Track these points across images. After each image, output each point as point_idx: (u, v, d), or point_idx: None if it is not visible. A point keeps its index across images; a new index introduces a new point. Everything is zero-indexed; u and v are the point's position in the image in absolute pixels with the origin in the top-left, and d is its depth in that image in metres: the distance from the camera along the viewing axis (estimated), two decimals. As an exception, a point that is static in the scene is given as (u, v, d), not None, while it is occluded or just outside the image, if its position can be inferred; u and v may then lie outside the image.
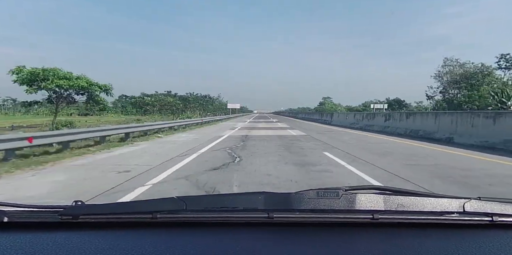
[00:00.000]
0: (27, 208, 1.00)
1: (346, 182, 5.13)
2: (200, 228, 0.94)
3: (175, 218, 0.95)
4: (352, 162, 7.17)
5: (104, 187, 4.76)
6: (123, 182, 5.14)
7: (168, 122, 19.47)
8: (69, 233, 0.90)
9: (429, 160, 7.69)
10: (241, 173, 5.85)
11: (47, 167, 6.59)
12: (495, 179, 5.48)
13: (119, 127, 12.33)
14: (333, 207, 0.92)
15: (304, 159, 7.70)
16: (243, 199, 1.02)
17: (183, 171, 6.04)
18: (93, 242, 0.84)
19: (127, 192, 4.48)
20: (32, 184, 5.11)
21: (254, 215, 0.95)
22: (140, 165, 6.74)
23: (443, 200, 0.95)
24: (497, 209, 0.94)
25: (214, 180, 5.24)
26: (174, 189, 4.70)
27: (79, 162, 7.33)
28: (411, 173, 5.94)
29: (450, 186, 4.95)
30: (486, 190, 4.64)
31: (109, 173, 5.93)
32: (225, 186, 4.85)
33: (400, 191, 1.07)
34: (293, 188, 4.60)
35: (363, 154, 8.66)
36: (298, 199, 0.94)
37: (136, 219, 0.96)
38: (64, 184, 5.08)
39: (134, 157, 8.12)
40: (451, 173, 5.95)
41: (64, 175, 5.78)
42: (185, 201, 0.95)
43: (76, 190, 4.64)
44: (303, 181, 5.12)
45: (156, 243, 0.83)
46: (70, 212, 0.95)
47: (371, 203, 0.92)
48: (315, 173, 5.89)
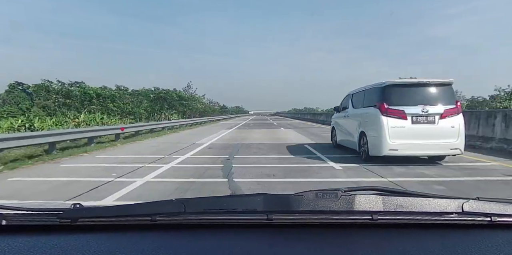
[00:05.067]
0: (25, 211, 1.00)
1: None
2: (200, 230, 0.94)
3: (174, 220, 0.95)
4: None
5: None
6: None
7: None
8: (68, 236, 0.90)
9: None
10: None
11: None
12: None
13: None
14: (332, 208, 0.93)
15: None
16: (242, 201, 1.02)
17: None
18: (92, 245, 0.83)
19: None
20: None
21: (253, 216, 0.95)
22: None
23: (442, 201, 0.96)
24: (496, 209, 0.95)
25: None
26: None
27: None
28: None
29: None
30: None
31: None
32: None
33: (399, 191, 1.07)
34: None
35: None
36: (297, 200, 0.95)
37: (135, 222, 0.96)
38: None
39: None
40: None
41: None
42: (184, 203, 0.95)
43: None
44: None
45: (155, 246, 0.83)
46: (68, 214, 0.95)
47: (370, 204, 0.93)
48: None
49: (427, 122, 6.40)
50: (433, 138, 6.37)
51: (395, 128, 6.37)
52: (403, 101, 6.52)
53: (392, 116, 6.42)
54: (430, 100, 6.51)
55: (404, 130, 6.37)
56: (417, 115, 6.40)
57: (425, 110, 6.37)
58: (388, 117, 6.43)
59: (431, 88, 6.64)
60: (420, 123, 6.41)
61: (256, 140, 12.76)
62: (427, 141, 6.37)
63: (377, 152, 6.56)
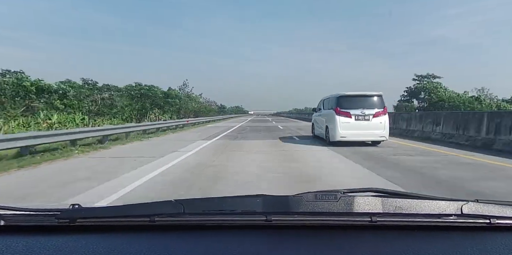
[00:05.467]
0: (24, 211, 0.98)
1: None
2: (198, 231, 0.94)
3: (173, 221, 0.94)
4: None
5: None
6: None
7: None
8: (66, 237, 0.89)
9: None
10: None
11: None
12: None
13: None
14: (331, 209, 0.92)
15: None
16: (241, 202, 1.02)
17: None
18: (90, 246, 0.83)
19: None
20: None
21: (252, 218, 0.95)
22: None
23: (441, 203, 0.95)
24: (495, 211, 0.94)
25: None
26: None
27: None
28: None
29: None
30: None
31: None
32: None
33: (399, 193, 1.07)
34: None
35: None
36: (296, 201, 0.95)
37: (134, 223, 0.95)
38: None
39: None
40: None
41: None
42: (183, 204, 0.94)
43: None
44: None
45: (154, 247, 0.83)
46: (67, 215, 0.94)
47: (369, 205, 0.93)
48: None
49: (364, 119, 10.15)
50: (368, 129, 10.12)
51: (344, 123, 10.11)
52: (349, 106, 10.26)
53: (342, 116, 10.16)
54: (367, 106, 10.25)
55: (349, 124, 10.11)
56: (358, 115, 10.13)
57: (363, 112, 10.11)
58: (340, 116, 10.16)
59: (367, 98, 10.41)
60: (360, 120, 10.15)
61: (248, 182, 5.08)
62: (364, 131, 10.13)
63: (333, 139, 10.32)
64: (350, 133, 10.12)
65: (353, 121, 10.14)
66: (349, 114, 10.17)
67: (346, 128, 10.13)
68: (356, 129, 10.13)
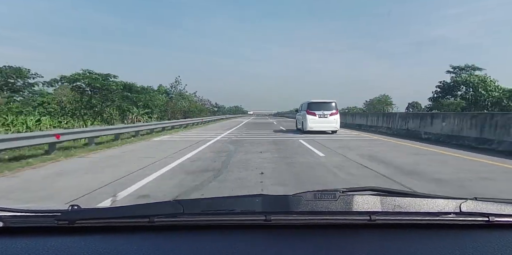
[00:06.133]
0: (23, 212, 0.99)
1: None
2: (198, 231, 0.94)
3: (172, 221, 0.95)
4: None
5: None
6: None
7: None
8: (66, 238, 0.89)
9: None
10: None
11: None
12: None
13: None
14: (331, 208, 0.93)
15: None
16: (241, 202, 1.03)
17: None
18: (90, 247, 0.83)
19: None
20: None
21: (251, 217, 0.95)
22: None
23: (440, 201, 0.97)
24: (493, 209, 0.95)
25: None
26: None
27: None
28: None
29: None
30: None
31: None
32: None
33: (397, 192, 1.08)
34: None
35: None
36: (296, 201, 0.95)
37: (133, 223, 0.95)
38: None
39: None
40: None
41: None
42: (182, 204, 0.95)
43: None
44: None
45: (153, 247, 0.84)
46: (66, 216, 0.94)
47: (368, 204, 0.94)
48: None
49: (324, 117, 16.21)
50: (326, 123, 16.20)
51: (311, 119, 16.17)
52: (315, 108, 16.32)
53: (311, 115, 16.22)
54: (326, 109, 16.31)
55: (315, 120, 16.15)
56: (320, 115, 16.18)
57: (323, 113, 16.17)
58: (309, 115, 16.22)
59: (327, 103, 16.52)
60: (321, 118, 16.20)
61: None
62: (324, 124, 16.22)
63: (305, 129, 16.41)
64: (315, 125, 16.20)
65: (317, 118, 16.20)
66: (315, 114, 16.24)
67: (313, 122, 16.19)
68: (319, 123, 16.18)
